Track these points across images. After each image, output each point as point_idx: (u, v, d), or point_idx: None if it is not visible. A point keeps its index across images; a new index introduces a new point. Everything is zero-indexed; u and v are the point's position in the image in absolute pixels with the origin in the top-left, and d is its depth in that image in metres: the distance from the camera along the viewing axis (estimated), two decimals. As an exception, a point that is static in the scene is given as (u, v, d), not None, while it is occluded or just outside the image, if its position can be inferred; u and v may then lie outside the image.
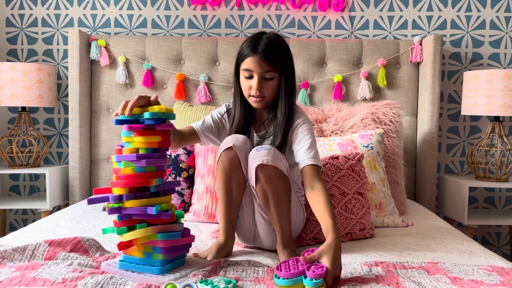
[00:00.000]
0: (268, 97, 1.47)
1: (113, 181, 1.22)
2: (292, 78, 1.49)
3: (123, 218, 1.20)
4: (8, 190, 2.69)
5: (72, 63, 2.37)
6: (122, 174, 1.21)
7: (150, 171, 1.21)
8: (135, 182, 1.19)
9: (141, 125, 1.20)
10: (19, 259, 1.30)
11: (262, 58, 1.41)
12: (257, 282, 1.15)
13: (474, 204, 2.64)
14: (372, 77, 2.45)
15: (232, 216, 1.45)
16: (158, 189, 1.23)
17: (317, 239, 1.62)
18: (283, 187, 1.38)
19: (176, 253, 1.25)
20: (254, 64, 1.42)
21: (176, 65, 2.47)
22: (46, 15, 2.60)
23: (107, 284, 1.10)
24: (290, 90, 1.48)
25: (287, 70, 1.46)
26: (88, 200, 1.22)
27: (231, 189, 1.42)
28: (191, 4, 2.56)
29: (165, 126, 1.22)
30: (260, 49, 1.41)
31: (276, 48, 1.43)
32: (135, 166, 1.20)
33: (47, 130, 2.65)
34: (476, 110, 2.27)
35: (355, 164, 1.71)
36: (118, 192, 1.20)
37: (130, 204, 1.19)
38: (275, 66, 1.43)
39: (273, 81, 1.45)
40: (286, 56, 1.46)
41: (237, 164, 1.39)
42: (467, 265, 1.28)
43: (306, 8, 2.56)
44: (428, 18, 2.56)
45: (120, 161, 1.21)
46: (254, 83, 1.44)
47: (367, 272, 1.23)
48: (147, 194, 1.22)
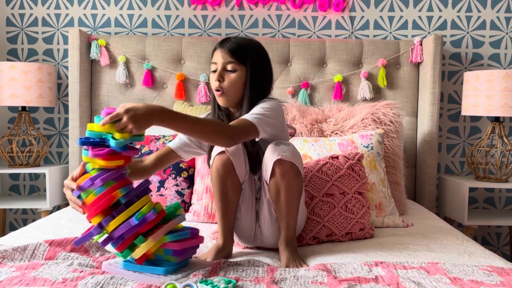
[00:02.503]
0: (230, 92, 1.44)
1: (86, 215, 1.19)
2: (262, 78, 1.47)
3: (118, 243, 1.17)
4: (8, 190, 2.69)
5: (72, 63, 2.37)
6: (88, 204, 1.17)
7: (111, 186, 1.17)
8: (103, 203, 1.15)
9: (106, 150, 1.15)
10: (20, 258, 1.30)
11: (224, 50, 1.43)
12: (257, 282, 1.15)
13: (474, 204, 2.64)
14: (372, 77, 2.45)
15: (230, 219, 1.45)
16: (128, 197, 1.19)
17: (317, 238, 1.62)
18: (297, 185, 1.38)
19: (186, 255, 1.25)
20: (218, 55, 1.45)
21: (176, 65, 2.47)
22: (46, 15, 2.60)
23: (107, 284, 1.10)
24: (256, 89, 1.45)
25: (255, 68, 1.45)
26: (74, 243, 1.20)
27: (226, 193, 1.42)
28: (192, 4, 2.56)
29: (131, 153, 1.19)
30: (226, 43, 1.44)
31: (243, 44, 1.45)
32: (94, 190, 1.16)
33: (47, 130, 2.65)
34: (476, 110, 2.27)
35: (355, 164, 1.71)
36: (95, 221, 1.17)
37: (112, 226, 1.15)
38: (238, 59, 1.43)
39: (236, 75, 1.43)
40: (254, 54, 1.46)
41: (231, 168, 1.39)
42: (467, 266, 1.28)
43: (306, 8, 2.56)
44: (428, 19, 2.56)
45: (80, 194, 1.18)
46: (215, 74, 1.44)
47: (367, 272, 1.23)
48: (122, 208, 1.18)
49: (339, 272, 1.24)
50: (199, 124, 1.24)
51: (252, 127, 1.33)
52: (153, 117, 1.15)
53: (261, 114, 1.37)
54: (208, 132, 1.25)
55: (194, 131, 1.24)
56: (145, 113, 1.14)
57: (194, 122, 1.23)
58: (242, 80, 1.44)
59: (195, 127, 1.23)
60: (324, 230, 1.61)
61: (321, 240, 1.63)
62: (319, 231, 1.61)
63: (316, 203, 1.63)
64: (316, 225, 1.61)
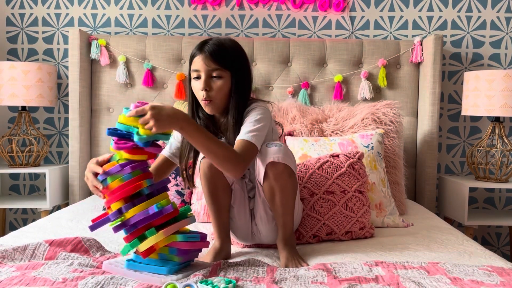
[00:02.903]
0: (217, 99, 1.39)
1: (107, 200, 1.21)
2: (245, 81, 1.43)
3: (130, 230, 1.19)
4: (8, 190, 2.69)
5: (72, 63, 2.37)
6: (113, 189, 1.20)
7: (137, 175, 1.21)
8: (128, 190, 1.18)
9: (130, 144, 1.19)
10: (20, 258, 1.30)
11: (207, 56, 1.36)
12: (257, 282, 1.15)
13: (474, 204, 2.64)
14: (373, 77, 2.45)
15: (223, 220, 1.45)
16: (151, 189, 1.23)
17: (317, 236, 1.62)
18: (291, 185, 1.38)
19: (189, 256, 1.26)
20: (200, 62, 1.37)
21: (177, 64, 2.47)
22: (46, 15, 2.60)
23: (108, 284, 1.10)
24: (241, 93, 1.42)
25: (239, 72, 1.40)
26: (90, 228, 1.22)
27: (217, 196, 1.42)
28: (192, 3, 2.56)
29: (154, 149, 1.22)
30: (206, 48, 1.38)
31: (224, 48, 1.38)
32: (121, 176, 1.19)
33: (47, 130, 2.65)
34: (476, 110, 2.27)
35: (356, 162, 1.71)
36: (116, 207, 1.19)
37: (131, 213, 1.18)
38: (223, 65, 1.37)
39: (222, 81, 1.38)
40: (236, 57, 1.41)
41: (218, 170, 1.38)
42: (467, 266, 1.28)
43: (306, 8, 2.56)
44: (428, 18, 2.56)
45: (106, 178, 1.20)
46: (201, 82, 1.38)
47: (367, 272, 1.23)
48: (143, 198, 1.21)
49: (339, 271, 1.24)
50: (215, 145, 1.25)
51: (255, 149, 1.34)
52: (174, 121, 1.18)
53: (256, 130, 1.35)
54: (222, 156, 1.26)
55: (209, 150, 1.25)
56: (168, 115, 1.17)
57: (211, 140, 1.25)
58: (228, 85, 1.39)
59: (211, 146, 1.24)
60: (324, 228, 1.61)
61: (321, 239, 1.63)
62: (319, 229, 1.61)
63: (317, 200, 1.63)
64: (316, 223, 1.61)
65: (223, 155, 1.26)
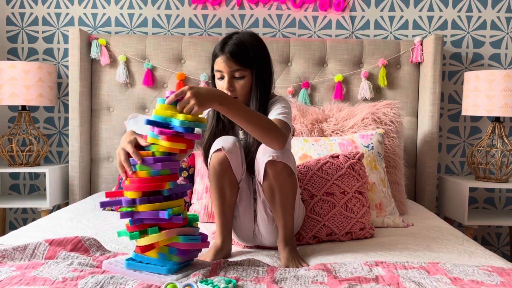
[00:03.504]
0: (241, 97, 1.43)
1: (126, 184, 1.22)
2: (267, 76, 1.46)
3: (135, 223, 1.20)
4: (8, 189, 2.69)
5: (72, 62, 2.37)
6: (137, 178, 1.20)
7: (164, 175, 1.21)
8: (150, 186, 1.19)
9: (171, 130, 1.19)
10: (20, 258, 1.30)
11: (229, 58, 1.40)
12: (258, 282, 1.15)
13: (474, 204, 2.64)
14: (373, 77, 2.45)
15: (227, 218, 1.44)
16: (171, 192, 1.23)
17: (317, 237, 1.62)
18: (291, 184, 1.38)
19: (189, 256, 1.26)
20: (222, 64, 1.41)
21: (177, 64, 2.47)
22: (46, 14, 2.60)
23: (108, 284, 1.10)
24: (262, 88, 1.45)
25: (259, 68, 1.44)
26: (100, 203, 1.23)
27: (224, 191, 1.41)
28: (192, 3, 2.56)
29: (193, 136, 1.22)
30: (227, 49, 1.40)
31: (245, 47, 1.41)
32: (150, 170, 1.20)
33: (47, 129, 2.65)
34: (476, 110, 2.27)
35: (356, 163, 1.71)
36: (131, 196, 1.20)
37: (143, 208, 1.19)
38: (244, 64, 1.41)
39: (245, 80, 1.42)
40: (257, 54, 1.44)
41: (228, 166, 1.38)
42: (467, 266, 1.28)
43: (307, 8, 2.56)
44: (428, 18, 2.56)
45: (135, 164, 1.21)
46: (224, 83, 1.42)
47: (368, 272, 1.23)
48: (160, 198, 1.22)
49: (339, 272, 1.24)
50: (256, 117, 1.26)
51: (289, 128, 1.37)
52: (214, 98, 1.20)
53: (287, 113, 1.39)
54: (263, 128, 1.27)
55: (250, 122, 1.25)
56: (207, 92, 1.20)
57: (251, 113, 1.26)
58: (250, 83, 1.44)
59: (252, 118, 1.25)
60: (324, 230, 1.61)
61: (321, 240, 1.63)
62: (319, 230, 1.61)
63: (316, 202, 1.63)
64: (316, 224, 1.61)
65: (265, 126, 1.27)
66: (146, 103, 2.49)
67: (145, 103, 2.49)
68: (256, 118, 1.26)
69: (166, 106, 1.19)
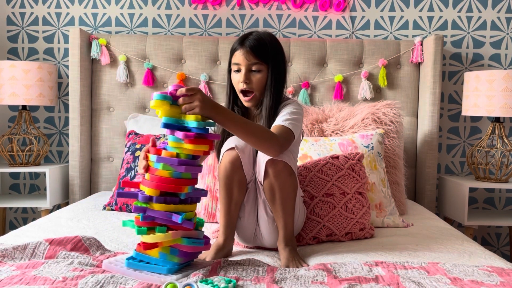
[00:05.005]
0: (257, 92, 1.47)
1: (146, 180, 1.22)
2: (281, 75, 1.49)
3: (146, 219, 1.20)
4: (8, 189, 2.69)
5: (72, 62, 2.37)
6: (158, 176, 1.20)
7: (185, 178, 1.21)
8: (169, 187, 1.20)
9: (193, 133, 1.19)
10: (20, 257, 1.30)
11: (248, 51, 1.44)
12: (258, 282, 1.15)
13: (474, 204, 2.64)
14: (373, 77, 2.45)
15: (232, 217, 1.44)
16: (187, 196, 1.24)
17: (317, 238, 1.62)
18: (291, 184, 1.38)
19: (190, 258, 1.27)
20: (241, 57, 1.45)
21: (177, 64, 2.47)
22: (47, 14, 2.60)
23: (108, 283, 1.10)
24: (276, 85, 1.48)
25: (275, 66, 1.47)
26: (117, 193, 1.25)
27: (232, 190, 1.42)
28: (192, 3, 2.56)
29: (215, 137, 1.24)
30: (247, 43, 1.45)
31: (264, 42, 1.46)
32: (173, 171, 1.20)
33: (48, 129, 2.65)
34: (476, 110, 2.27)
35: (355, 164, 1.71)
36: (149, 192, 1.20)
37: (158, 207, 1.19)
38: (262, 59, 1.45)
39: (261, 74, 1.46)
40: (274, 51, 1.47)
41: (239, 165, 1.39)
42: (467, 266, 1.28)
43: (307, 8, 2.56)
44: (429, 19, 2.56)
45: (160, 163, 1.21)
46: (241, 76, 1.45)
47: (367, 272, 1.23)
48: (175, 200, 1.22)
49: (339, 272, 1.24)
50: (251, 126, 1.29)
51: (291, 135, 1.38)
52: (214, 107, 1.23)
53: (293, 120, 1.40)
54: (259, 137, 1.29)
55: (245, 132, 1.28)
56: (210, 101, 1.22)
57: (246, 123, 1.29)
58: (265, 78, 1.47)
59: (247, 128, 1.28)
60: (324, 230, 1.61)
61: (321, 240, 1.63)
62: (319, 231, 1.61)
63: (316, 203, 1.63)
64: (316, 225, 1.61)
65: (260, 135, 1.29)
66: (146, 103, 2.49)
67: (145, 103, 2.49)
68: (251, 128, 1.29)
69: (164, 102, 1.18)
